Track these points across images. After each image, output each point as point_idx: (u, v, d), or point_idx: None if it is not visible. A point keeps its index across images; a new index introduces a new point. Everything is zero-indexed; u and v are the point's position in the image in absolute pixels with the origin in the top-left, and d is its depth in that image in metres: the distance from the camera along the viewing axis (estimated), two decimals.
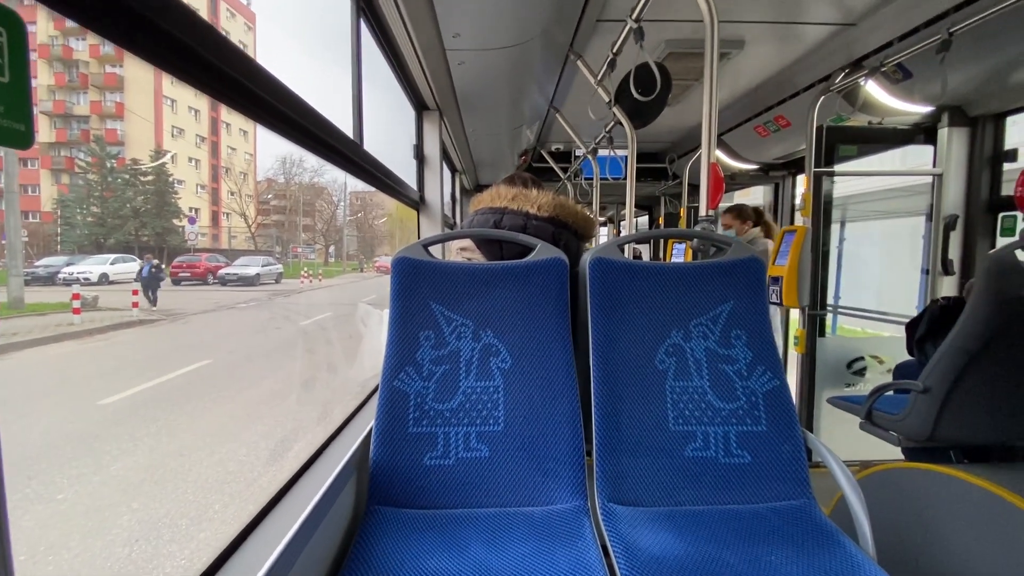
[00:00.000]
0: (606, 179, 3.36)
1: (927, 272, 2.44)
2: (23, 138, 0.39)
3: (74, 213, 20.30)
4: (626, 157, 2.30)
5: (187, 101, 25.94)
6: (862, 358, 2.58)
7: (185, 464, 3.95)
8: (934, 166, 2.38)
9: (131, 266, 14.85)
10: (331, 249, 35.79)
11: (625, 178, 2.33)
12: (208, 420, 5.02)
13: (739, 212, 3.20)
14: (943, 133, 2.34)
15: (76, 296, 8.91)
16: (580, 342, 1.17)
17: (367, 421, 1.18)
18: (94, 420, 4.85)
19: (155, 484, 3.66)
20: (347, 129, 1.30)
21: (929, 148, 2.43)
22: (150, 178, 22.48)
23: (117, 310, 10.34)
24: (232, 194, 29.35)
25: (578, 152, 4.17)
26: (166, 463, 4.00)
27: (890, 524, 1.40)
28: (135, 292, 10.95)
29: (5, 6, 0.40)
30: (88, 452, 4.17)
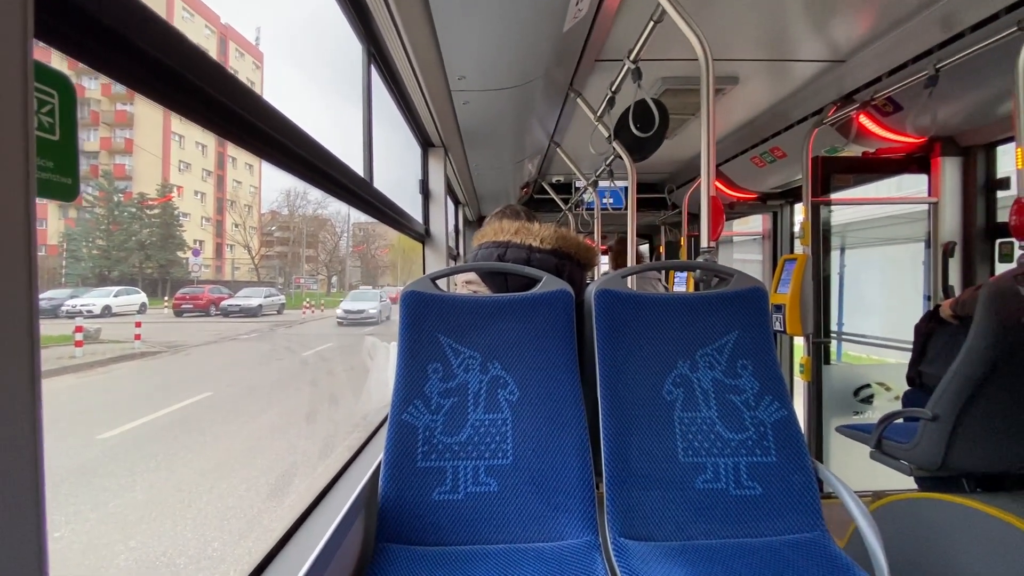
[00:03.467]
0: (606, 209, 3.41)
1: (929, 298, 2.46)
2: (70, 191, 0.41)
3: (80, 246, 20.50)
4: (626, 188, 2.35)
5: (195, 137, 26.52)
6: (869, 385, 2.57)
7: (184, 500, 3.89)
8: (929, 194, 2.43)
9: (135, 298, 14.92)
10: (333, 279, 35.97)
11: (625, 209, 2.38)
12: (208, 454, 4.96)
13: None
14: (937, 163, 2.39)
15: (79, 329, 8.91)
16: (587, 373, 1.18)
17: (375, 455, 1.17)
18: (93, 455, 4.80)
19: (153, 521, 3.59)
20: (358, 167, 1.34)
21: (924, 177, 2.48)
22: (156, 211, 22.82)
23: (119, 342, 10.30)
24: (236, 226, 29.70)
25: (578, 183, 4.25)
26: (164, 499, 3.94)
27: (905, 556, 1.37)
28: (138, 324, 10.96)
29: (58, 71, 0.43)
30: (86, 488, 4.12)
